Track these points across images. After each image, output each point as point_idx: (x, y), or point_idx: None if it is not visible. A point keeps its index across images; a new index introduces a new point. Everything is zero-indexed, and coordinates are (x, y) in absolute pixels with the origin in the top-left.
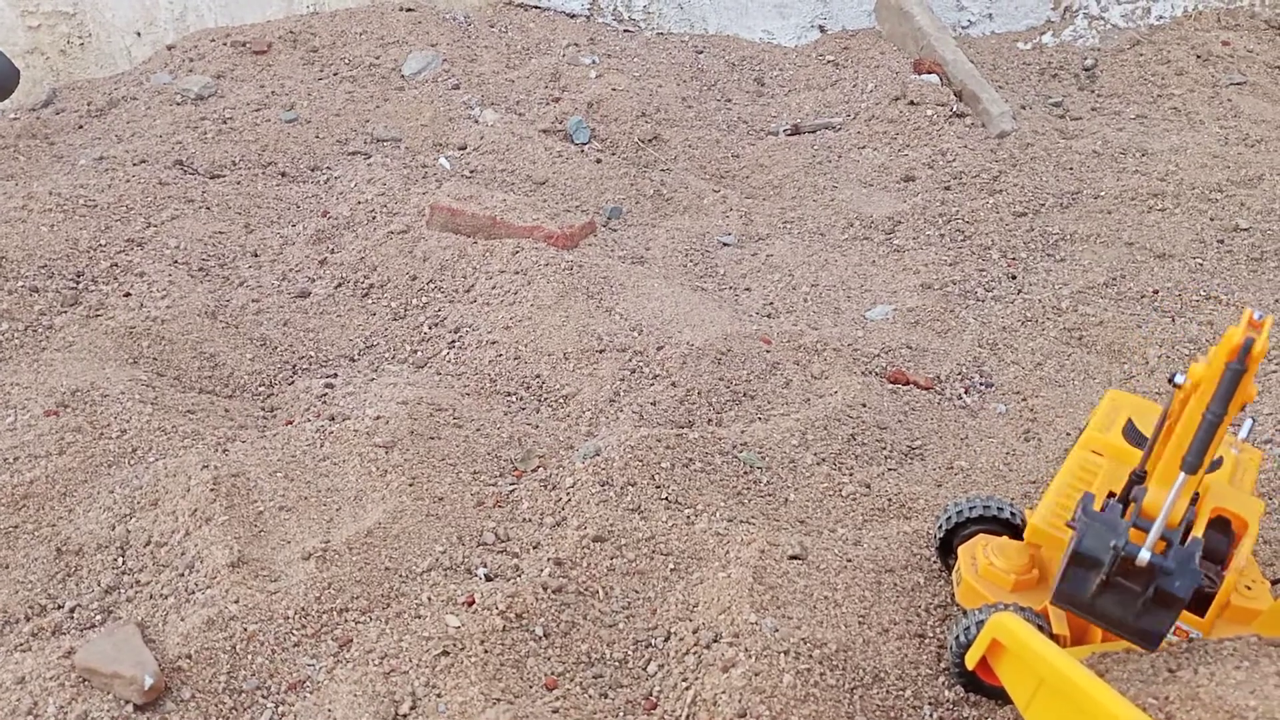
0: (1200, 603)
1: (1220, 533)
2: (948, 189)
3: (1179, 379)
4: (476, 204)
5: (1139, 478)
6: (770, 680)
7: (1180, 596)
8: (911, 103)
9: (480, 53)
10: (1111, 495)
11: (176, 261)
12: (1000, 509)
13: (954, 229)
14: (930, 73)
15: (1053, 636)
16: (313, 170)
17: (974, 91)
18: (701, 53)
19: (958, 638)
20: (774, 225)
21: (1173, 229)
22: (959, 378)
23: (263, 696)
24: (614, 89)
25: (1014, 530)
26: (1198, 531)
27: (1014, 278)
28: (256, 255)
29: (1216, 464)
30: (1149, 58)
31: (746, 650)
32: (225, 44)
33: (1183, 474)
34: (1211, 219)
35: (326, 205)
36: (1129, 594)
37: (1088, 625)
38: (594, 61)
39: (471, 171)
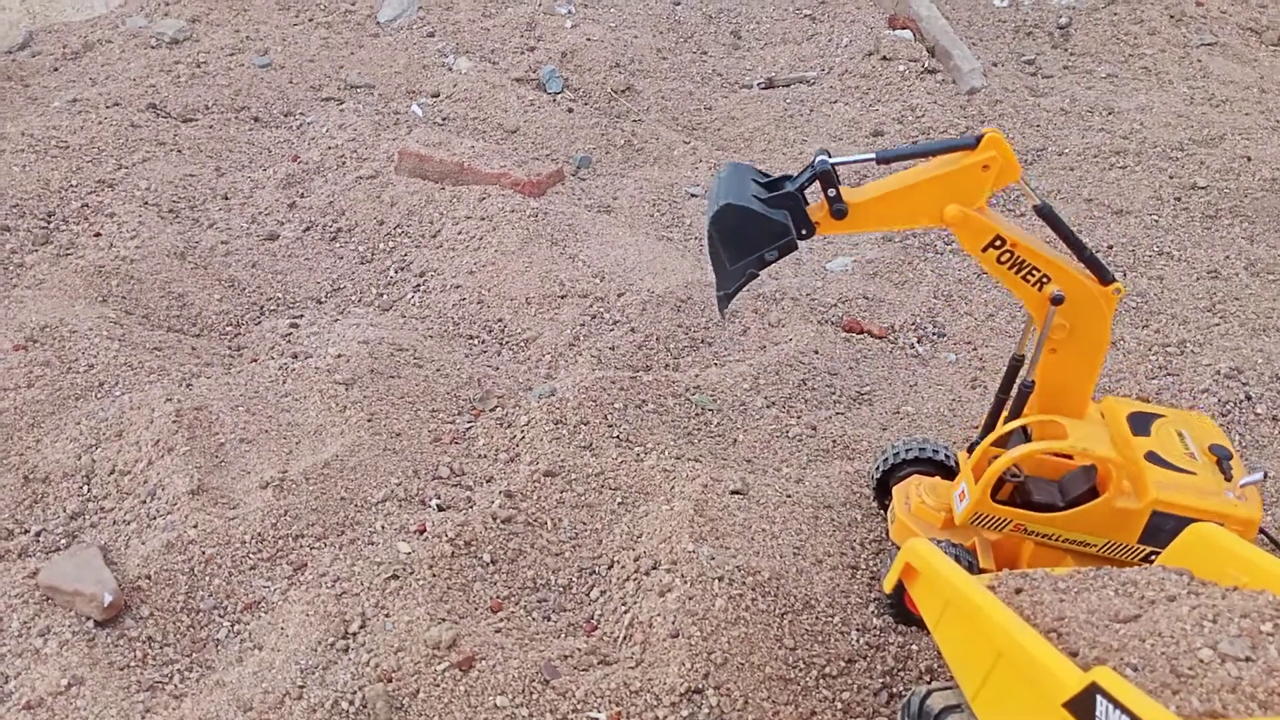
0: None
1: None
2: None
3: None
4: (445, 150)
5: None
6: (703, 604)
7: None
8: (884, 58)
9: (457, 0)
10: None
11: (147, 203)
12: (935, 451)
13: None
14: (904, 28)
15: (979, 570)
16: (286, 116)
17: (946, 48)
18: (679, 4)
19: None
20: None
21: (1132, 186)
22: (913, 327)
23: (219, 615)
24: (589, 39)
25: (947, 472)
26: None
27: None
28: (227, 198)
29: None
30: (1123, 17)
31: (683, 576)
32: None
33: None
34: (1171, 177)
35: (297, 150)
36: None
37: (1014, 558)
38: (570, 11)
39: (444, 119)
